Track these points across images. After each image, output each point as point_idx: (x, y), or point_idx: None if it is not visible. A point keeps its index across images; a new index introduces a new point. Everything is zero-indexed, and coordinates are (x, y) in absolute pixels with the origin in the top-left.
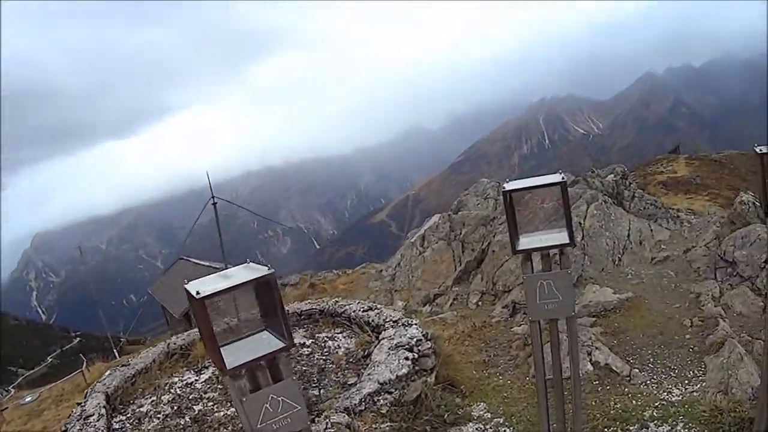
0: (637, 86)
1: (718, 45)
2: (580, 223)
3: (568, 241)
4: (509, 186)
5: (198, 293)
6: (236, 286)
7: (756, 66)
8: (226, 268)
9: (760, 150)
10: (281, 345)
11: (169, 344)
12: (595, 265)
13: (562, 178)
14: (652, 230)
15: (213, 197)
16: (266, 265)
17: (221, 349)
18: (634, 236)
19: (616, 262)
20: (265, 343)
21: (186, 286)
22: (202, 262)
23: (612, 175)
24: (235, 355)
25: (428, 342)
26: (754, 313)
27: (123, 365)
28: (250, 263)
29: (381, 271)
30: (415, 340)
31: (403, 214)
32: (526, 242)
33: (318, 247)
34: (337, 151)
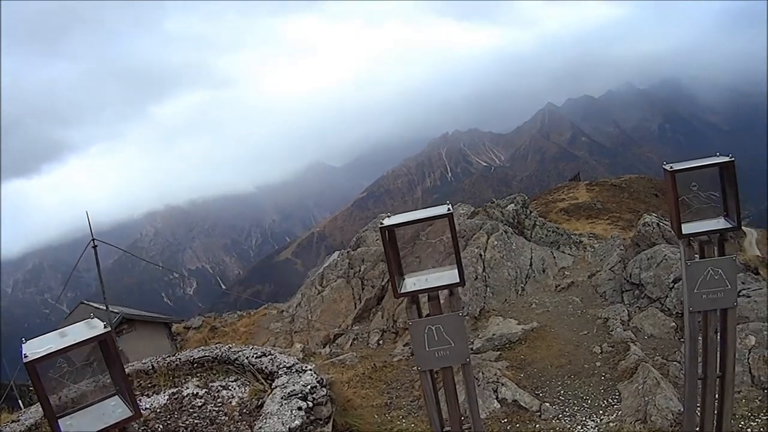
0: (537, 118)
1: (616, 76)
2: (480, 255)
3: (457, 281)
4: (389, 221)
5: (26, 356)
6: (69, 347)
7: (653, 95)
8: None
9: (671, 167)
10: (128, 414)
11: (60, 396)
12: (497, 296)
13: (448, 210)
14: (555, 257)
15: (93, 240)
16: (104, 322)
17: (63, 419)
18: (537, 264)
19: (520, 292)
20: (111, 411)
21: (23, 345)
22: (102, 307)
23: (512, 205)
24: (77, 426)
25: (323, 389)
26: (666, 334)
27: (13, 421)
28: (93, 319)
29: (282, 311)
30: (309, 387)
31: (308, 251)
32: (411, 283)
33: (224, 287)
34: (241, 189)
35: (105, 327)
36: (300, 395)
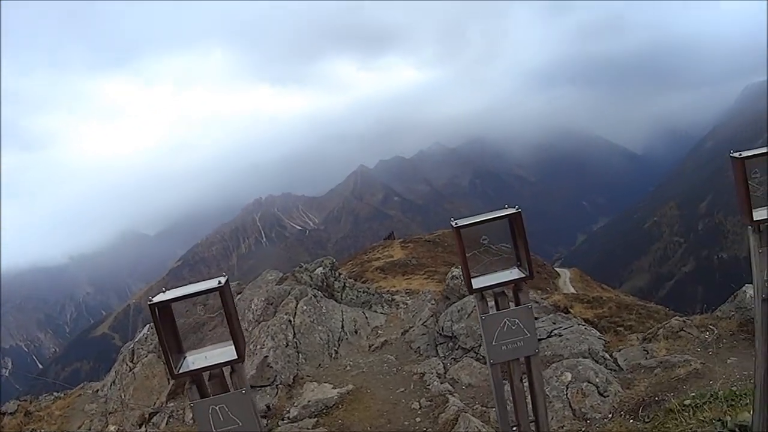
0: (350, 180)
1: (426, 137)
2: (290, 321)
3: (235, 357)
4: (159, 297)
5: None
6: None
7: (462, 153)
8: None
9: (456, 223)
10: None
11: None
12: (311, 361)
13: (220, 283)
14: (367, 317)
15: None
16: None
17: None
18: (349, 326)
19: (333, 355)
20: None
21: None
22: None
23: (321, 268)
24: None
25: None
26: (484, 382)
27: None
28: None
29: (97, 391)
30: None
31: (125, 325)
32: (190, 362)
33: (41, 367)
34: (53, 260)
35: None
36: None
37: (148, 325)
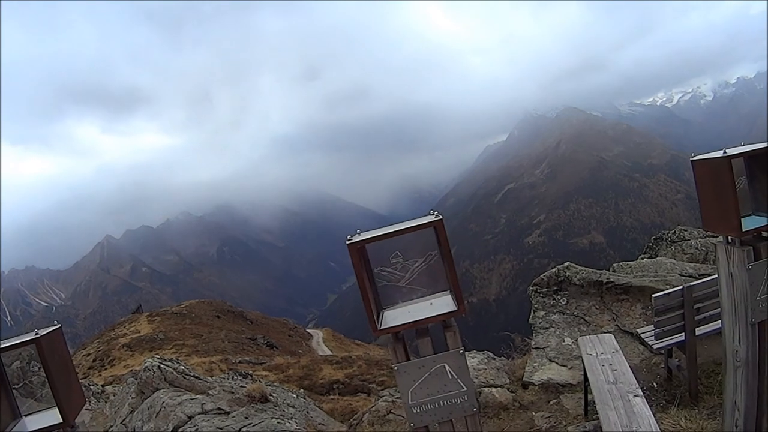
0: (96, 252)
1: (173, 205)
2: None
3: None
4: None
5: None
6: None
7: (209, 221)
8: None
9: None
10: None
11: None
12: None
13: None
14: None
15: None
16: None
17: None
18: None
19: None
20: None
21: None
22: None
23: (18, 362)
24: None
25: None
26: None
27: None
28: None
29: None
30: None
31: None
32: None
33: None
34: None
35: None
36: None
37: None
